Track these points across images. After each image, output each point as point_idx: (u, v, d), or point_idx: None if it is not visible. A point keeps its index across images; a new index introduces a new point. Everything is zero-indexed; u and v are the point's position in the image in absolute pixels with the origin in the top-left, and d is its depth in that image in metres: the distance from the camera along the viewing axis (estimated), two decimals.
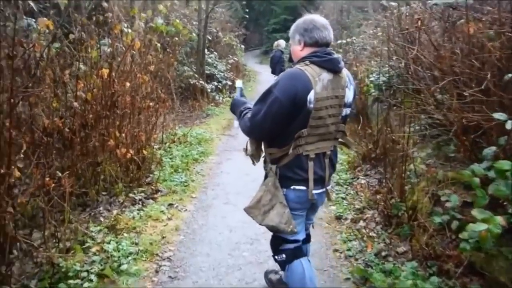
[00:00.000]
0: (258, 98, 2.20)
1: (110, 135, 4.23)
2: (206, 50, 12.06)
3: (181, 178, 5.11)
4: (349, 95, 2.23)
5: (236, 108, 2.50)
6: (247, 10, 17.11)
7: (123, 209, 4.18)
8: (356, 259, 3.24)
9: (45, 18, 3.04)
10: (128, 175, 4.64)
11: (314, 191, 2.21)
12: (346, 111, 2.25)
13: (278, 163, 2.24)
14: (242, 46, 17.29)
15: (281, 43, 11.98)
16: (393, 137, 5.33)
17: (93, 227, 3.68)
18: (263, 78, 16.95)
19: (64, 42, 4.64)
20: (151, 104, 4.92)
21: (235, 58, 14.74)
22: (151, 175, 5.09)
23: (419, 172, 3.73)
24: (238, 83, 2.73)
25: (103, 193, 4.37)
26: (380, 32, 6.22)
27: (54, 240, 3.32)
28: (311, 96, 2.06)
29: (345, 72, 2.22)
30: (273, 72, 11.98)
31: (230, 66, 14.06)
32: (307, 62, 2.15)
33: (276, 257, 2.51)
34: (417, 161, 3.91)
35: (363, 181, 4.81)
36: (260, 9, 28.42)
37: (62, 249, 3.24)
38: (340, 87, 2.17)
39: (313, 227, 2.75)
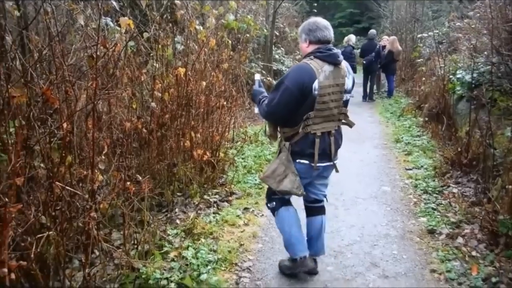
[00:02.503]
0: (273, 87, 2.73)
1: (186, 136, 4.14)
2: (273, 46, 11.85)
3: (255, 179, 4.93)
4: (348, 83, 2.69)
5: (255, 97, 2.99)
6: (315, 4, 16.61)
7: (199, 211, 4.07)
8: (460, 284, 2.84)
9: (126, 18, 2.93)
10: (202, 176, 4.54)
11: (320, 164, 2.69)
12: (347, 96, 2.73)
13: (290, 140, 2.72)
14: None
15: (352, 38, 11.48)
16: (488, 141, 4.80)
17: (170, 230, 3.59)
18: None
19: (140, 40, 4.63)
20: (224, 103, 4.77)
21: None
22: (224, 176, 4.97)
23: None
24: (257, 76, 3.18)
25: (178, 194, 4.30)
26: (472, 23, 5.60)
27: (133, 242, 3.27)
28: (315, 84, 2.53)
29: (344, 64, 2.67)
30: None
31: (296, 61, 13.73)
32: (311, 57, 2.63)
33: (268, 204, 3.06)
34: None
35: (455, 190, 4.33)
36: (325, 3, 27.67)
37: (140, 251, 3.17)
38: (340, 77, 2.62)
39: (326, 200, 3.11)
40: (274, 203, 2.97)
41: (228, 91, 5.37)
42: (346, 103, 2.75)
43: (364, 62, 10.63)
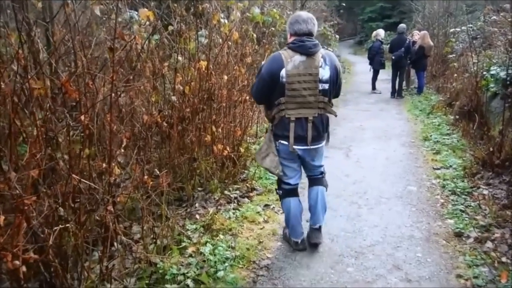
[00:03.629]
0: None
1: (207, 130, 4.11)
2: None
3: None
4: (323, 73, 2.88)
5: None
6: None
7: (219, 207, 4.04)
8: None
9: (145, 9, 2.91)
10: (223, 171, 4.50)
11: (296, 146, 2.96)
12: (324, 86, 2.90)
13: (272, 122, 3.05)
14: (337, 36, 16.58)
15: (381, 32, 11.21)
16: None
17: (189, 225, 3.58)
18: (358, 69, 16.19)
19: (163, 33, 4.62)
20: (247, 97, 4.71)
21: (330, 49, 14.14)
22: (246, 171, 4.92)
23: None
24: None
25: (199, 188, 4.28)
26: (508, 17, 5.32)
27: (152, 236, 3.27)
28: (283, 72, 2.82)
29: (320, 54, 2.88)
30: (371, 63, 11.27)
31: None
32: (285, 47, 2.93)
33: (277, 190, 3.37)
34: None
35: (485, 192, 4.14)
36: None
37: (159, 246, 3.16)
38: (313, 67, 2.85)
39: (323, 171, 3.33)
40: (281, 192, 3.29)
41: (251, 85, 5.31)
42: (324, 92, 2.92)
43: (393, 57, 10.32)
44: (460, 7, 13.90)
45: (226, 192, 4.32)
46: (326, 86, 2.92)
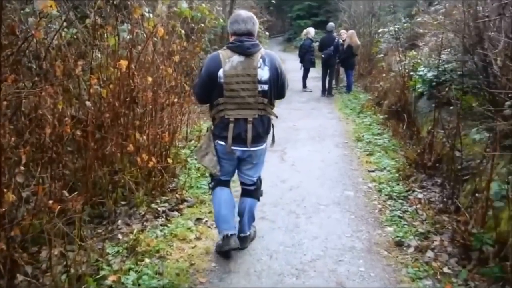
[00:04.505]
0: None
1: (130, 137, 3.66)
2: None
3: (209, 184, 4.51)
4: (262, 74, 2.81)
5: None
6: None
7: (145, 223, 3.62)
8: None
9: None
10: (150, 181, 4.07)
11: (234, 147, 2.89)
12: (263, 87, 2.83)
13: (213, 122, 3.01)
14: (267, 33, 16.50)
15: (311, 31, 11.21)
16: (451, 142, 4.63)
17: (109, 248, 3.12)
18: (289, 66, 16.08)
19: (78, 27, 4.08)
20: (175, 100, 4.30)
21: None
22: (175, 179, 4.52)
23: (502, 194, 3.01)
24: None
25: (122, 202, 3.82)
26: (435, 19, 5.41)
27: (64, 263, 2.78)
28: (220, 72, 2.77)
29: (259, 55, 2.80)
30: (302, 61, 11.25)
31: None
32: (225, 47, 2.87)
33: (209, 184, 3.28)
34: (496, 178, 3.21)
35: (420, 195, 4.12)
36: None
37: (72, 275, 2.69)
38: (252, 67, 2.78)
39: (257, 183, 3.22)
40: (213, 183, 3.21)
41: (180, 85, 4.90)
42: (264, 93, 2.84)
43: (323, 56, 10.37)
44: (383, 8, 14.42)
45: (153, 205, 3.90)
46: (266, 87, 2.84)
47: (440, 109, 5.11)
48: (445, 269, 2.91)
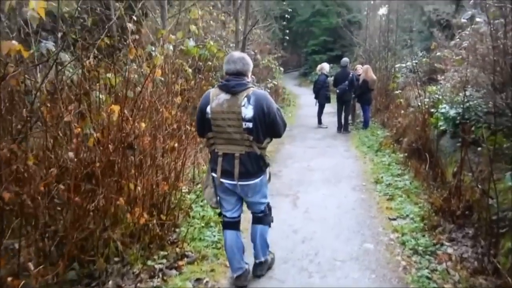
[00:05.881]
0: None
1: (123, 189, 3.33)
2: None
3: (213, 235, 4.12)
4: (245, 112, 2.92)
5: None
6: (287, 31, 16.20)
7: (138, 284, 3.23)
8: None
9: (13, 42, 2.14)
10: (147, 233, 3.70)
11: (224, 180, 3.05)
12: (248, 124, 2.94)
13: (210, 155, 3.18)
14: (281, 69, 16.36)
15: (325, 66, 10.98)
16: (482, 188, 4.17)
17: None
18: (303, 101, 15.95)
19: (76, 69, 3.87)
20: (176, 145, 3.98)
21: (274, 82, 13.82)
22: (177, 230, 4.14)
23: None
24: None
25: (115, 259, 3.45)
26: (456, 54, 5.06)
27: None
28: (208, 109, 2.98)
29: (244, 94, 2.93)
30: (316, 96, 10.96)
31: (269, 90, 13.13)
32: (216, 85, 3.09)
33: (221, 221, 3.37)
34: None
35: (450, 250, 3.64)
36: (299, 30, 27.57)
37: None
38: (236, 106, 2.91)
39: (265, 211, 3.32)
40: (222, 223, 3.34)
41: (183, 128, 4.60)
42: (249, 130, 2.94)
43: (338, 91, 10.07)
44: (399, 41, 14.19)
45: (149, 262, 3.52)
46: (250, 124, 2.94)
47: (466, 149, 4.67)
48: None
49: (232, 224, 3.26)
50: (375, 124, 10.86)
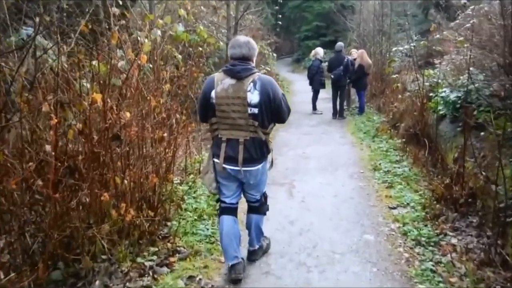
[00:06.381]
0: None
1: (108, 183, 3.12)
2: None
3: (207, 228, 3.94)
4: (251, 97, 2.87)
5: None
6: (280, 16, 15.85)
7: (127, 284, 3.05)
8: None
9: None
10: (136, 229, 3.51)
11: (227, 166, 3.00)
12: (253, 110, 2.89)
13: (212, 140, 3.16)
14: (274, 55, 16.08)
15: (319, 51, 10.73)
16: (486, 174, 4.02)
17: None
18: (297, 87, 15.74)
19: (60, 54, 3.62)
20: (165, 135, 3.77)
21: (268, 68, 13.55)
22: (168, 223, 3.96)
23: None
24: None
25: (103, 257, 3.25)
26: (457, 35, 4.85)
27: None
28: (212, 94, 2.94)
29: (251, 79, 2.89)
30: (311, 83, 10.74)
31: None
32: (220, 70, 3.03)
33: (217, 210, 3.51)
34: None
35: (454, 240, 3.49)
36: (291, 16, 27.14)
37: None
38: (242, 91, 2.87)
39: (260, 200, 3.29)
40: (219, 210, 3.28)
41: (174, 116, 4.37)
42: (254, 116, 2.91)
43: (332, 76, 9.83)
44: (393, 25, 13.93)
45: (139, 259, 3.33)
46: (256, 110, 2.90)
47: (469, 134, 4.51)
48: None
49: (231, 210, 3.21)
50: (371, 109, 10.69)
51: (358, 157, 6.51)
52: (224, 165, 3.00)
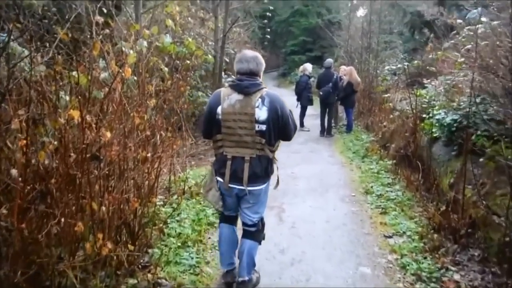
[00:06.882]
0: None
1: (84, 209, 2.81)
2: (223, 73, 10.69)
3: (191, 257, 3.64)
4: (259, 114, 2.82)
5: None
6: (268, 29, 15.76)
7: None
8: None
9: None
10: (113, 258, 3.19)
11: (232, 185, 2.93)
12: (261, 127, 2.84)
13: (215, 157, 3.09)
14: None
15: (308, 67, 10.59)
16: (487, 203, 3.85)
17: None
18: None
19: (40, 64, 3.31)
20: (148, 155, 3.48)
21: None
22: (149, 251, 3.64)
23: None
24: None
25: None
26: (460, 55, 4.71)
27: None
28: (219, 109, 2.87)
29: (259, 94, 2.83)
30: (299, 99, 10.55)
31: None
32: (226, 85, 3.01)
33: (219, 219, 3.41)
34: None
35: (457, 276, 3.27)
36: (278, 30, 27.15)
37: None
38: (249, 106, 2.81)
39: (258, 225, 3.11)
40: (220, 217, 3.30)
41: (158, 133, 4.08)
42: (261, 133, 2.83)
43: (321, 93, 9.67)
44: (380, 43, 13.94)
45: None
46: (264, 127, 2.83)
47: (465, 158, 4.34)
48: None
49: (230, 219, 3.25)
50: (358, 127, 10.56)
51: (349, 179, 6.30)
52: (230, 185, 2.91)
